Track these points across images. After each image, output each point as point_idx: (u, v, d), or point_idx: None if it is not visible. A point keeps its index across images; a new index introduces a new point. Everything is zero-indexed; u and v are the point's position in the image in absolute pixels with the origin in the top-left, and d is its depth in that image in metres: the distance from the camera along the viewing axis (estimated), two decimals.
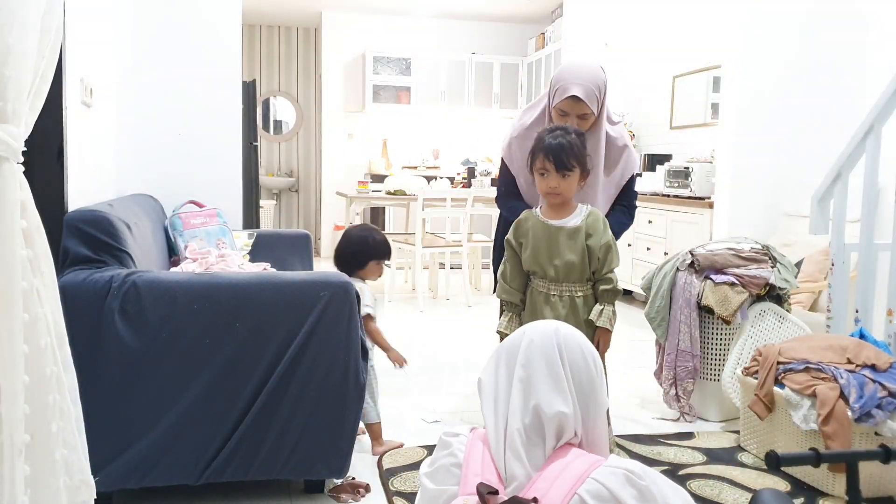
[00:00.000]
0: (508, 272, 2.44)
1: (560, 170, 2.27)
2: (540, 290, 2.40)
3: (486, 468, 1.37)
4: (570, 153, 2.27)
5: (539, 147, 2.31)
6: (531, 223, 2.40)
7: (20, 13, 1.23)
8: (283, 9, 8.26)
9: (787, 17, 4.29)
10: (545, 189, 2.33)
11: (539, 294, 2.40)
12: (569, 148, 2.27)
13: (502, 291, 2.46)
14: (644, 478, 1.30)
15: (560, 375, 1.39)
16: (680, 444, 2.84)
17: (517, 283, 2.43)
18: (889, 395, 2.37)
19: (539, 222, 2.39)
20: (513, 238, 2.43)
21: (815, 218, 3.18)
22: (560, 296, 2.38)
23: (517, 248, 2.42)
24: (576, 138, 2.31)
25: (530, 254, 2.38)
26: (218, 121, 3.55)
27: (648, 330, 3.32)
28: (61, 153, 2.36)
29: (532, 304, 2.42)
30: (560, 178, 2.29)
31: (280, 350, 2.14)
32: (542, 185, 2.33)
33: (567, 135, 2.30)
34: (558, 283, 2.37)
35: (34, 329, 1.32)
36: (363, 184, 6.56)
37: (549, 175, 2.30)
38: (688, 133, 5.91)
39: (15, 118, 1.27)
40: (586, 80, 2.50)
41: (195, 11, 3.48)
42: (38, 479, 1.34)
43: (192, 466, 2.12)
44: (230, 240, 3.16)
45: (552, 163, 2.27)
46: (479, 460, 1.38)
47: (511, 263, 2.44)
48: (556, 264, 2.35)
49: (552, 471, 1.33)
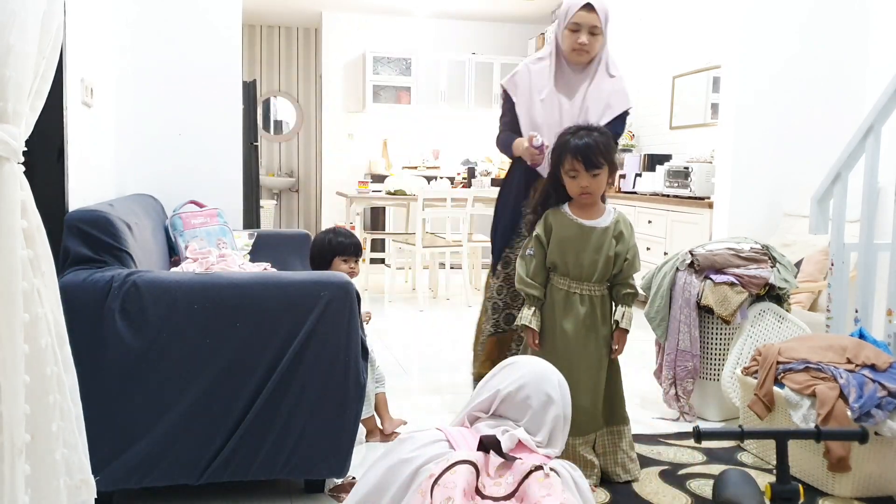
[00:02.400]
0: (533, 266, 2.43)
1: (590, 170, 2.29)
2: (560, 287, 2.41)
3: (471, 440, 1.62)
4: (598, 151, 2.29)
5: (565, 148, 2.32)
6: (559, 220, 2.40)
7: (20, 13, 1.23)
8: (284, 9, 8.26)
9: (787, 17, 4.29)
10: (577, 191, 2.35)
11: (559, 291, 2.41)
12: (595, 146, 2.28)
13: (525, 286, 2.44)
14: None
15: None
16: (680, 443, 2.84)
17: (541, 278, 2.44)
18: (889, 395, 2.37)
19: (569, 220, 2.39)
20: (542, 233, 2.42)
21: (815, 218, 3.18)
22: (581, 294, 2.39)
23: (545, 243, 2.42)
24: (599, 136, 2.33)
25: (556, 250, 2.39)
26: (218, 121, 3.55)
27: (648, 330, 3.33)
28: (61, 153, 2.36)
29: (551, 300, 2.42)
30: (590, 178, 2.31)
31: (280, 350, 2.14)
32: (574, 186, 2.35)
33: (591, 133, 2.33)
34: (581, 281, 2.39)
35: (34, 329, 1.32)
36: (363, 184, 6.56)
37: (579, 176, 2.31)
38: (688, 133, 5.91)
39: (15, 118, 1.27)
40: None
41: (195, 11, 3.48)
42: (39, 478, 1.34)
43: (192, 466, 2.12)
44: (230, 240, 3.16)
45: (581, 163, 2.29)
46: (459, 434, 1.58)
47: (537, 258, 2.43)
48: (583, 263, 2.36)
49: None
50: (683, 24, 5.97)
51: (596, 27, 2.72)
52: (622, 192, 5.92)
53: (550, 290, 2.44)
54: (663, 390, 3.20)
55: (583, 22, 2.71)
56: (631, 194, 5.78)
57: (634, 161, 6.01)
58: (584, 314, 2.39)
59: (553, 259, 2.40)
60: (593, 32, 2.72)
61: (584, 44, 2.72)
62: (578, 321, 2.39)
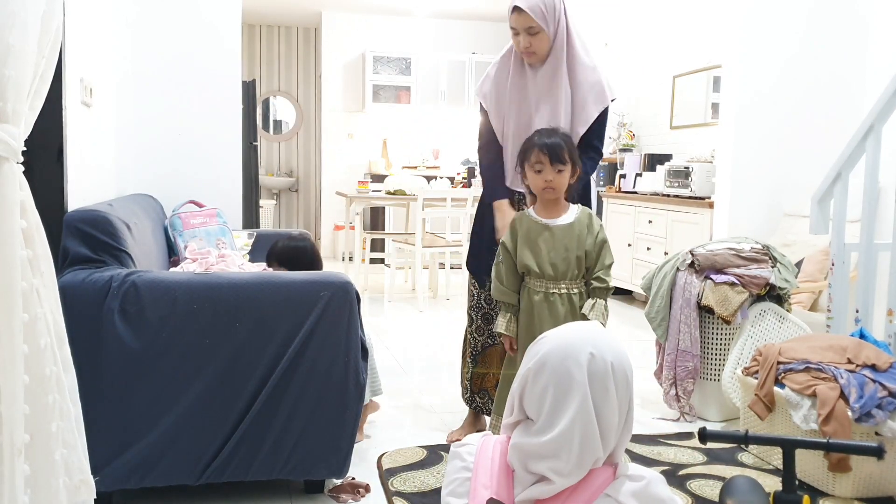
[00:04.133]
0: (504, 273, 2.44)
1: (555, 163, 2.32)
2: (537, 289, 2.40)
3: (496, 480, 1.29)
4: (564, 148, 2.33)
5: (532, 144, 2.36)
6: (525, 223, 2.42)
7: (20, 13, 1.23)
8: (283, 9, 8.26)
9: (787, 17, 4.29)
10: (541, 185, 2.36)
11: (536, 294, 2.40)
12: (560, 144, 2.34)
13: (499, 293, 2.46)
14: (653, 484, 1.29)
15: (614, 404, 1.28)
16: (680, 444, 2.84)
17: (513, 283, 2.44)
18: (889, 395, 2.37)
19: (533, 222, 2.40)
20: (509, 240, 2.44)
21: (815, 218, 3.18)
22: (559, 294, 2.39)
23: (512, 249, 2.42)
24: (566, 136, 2.39)
25: (527, 253, 2.39)
26: (218, 121, 3.55)
27: (648, 330, 3.32)
28: (61, 153, 2.35)
29: (529, 304, 2.41)
30: (555, 173, 2.33)
31: (280, 350, 2.14)
32: (538, 180, 2.36)
33: (556, 133, 2.38)
34: (556, 281, 2.38)
35: (34, 329, 1.32)
36: (363, 184, 6.56)
37: (544, 169, 2.33)
38: (688, 133, 5.91)
39: (15, 118, 1.27)
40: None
41: (195, 11, 3.48)
42: (38, 479, 1.34)
43: (192, 466, 2.12)
44: (230, 240, 3.16)
45: (546, 156, 2.32)
46: (487, 471, 1.32)
47: (506, 264, 2.44)
48: (553, 262, 2.36)
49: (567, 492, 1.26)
50: (683, 24, 5.97)
51: (532, 27, 2.57)
52: (622, 192, 5.91)
53: (528, 293, 2.42)
54: (663, 390, 3.20)
55: (517, 25, 2.60)
56: (631, 194, 5.77)
57: (635, 161, 6.00)
58: (564, 315, 2.37)
59: (526, 262, 2.39)
60: (531, 32, 2.59)
61: (526, 47, 2.62)
62: (559, 320, 2.37)
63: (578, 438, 1.23)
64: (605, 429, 1.25)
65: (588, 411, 1.23)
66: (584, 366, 1.25)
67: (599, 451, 1.25)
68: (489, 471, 1.31)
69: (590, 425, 1.23)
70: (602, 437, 1.25)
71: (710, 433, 1.82)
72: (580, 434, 1.23)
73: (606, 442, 1.26)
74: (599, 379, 1.25)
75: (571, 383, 1.24)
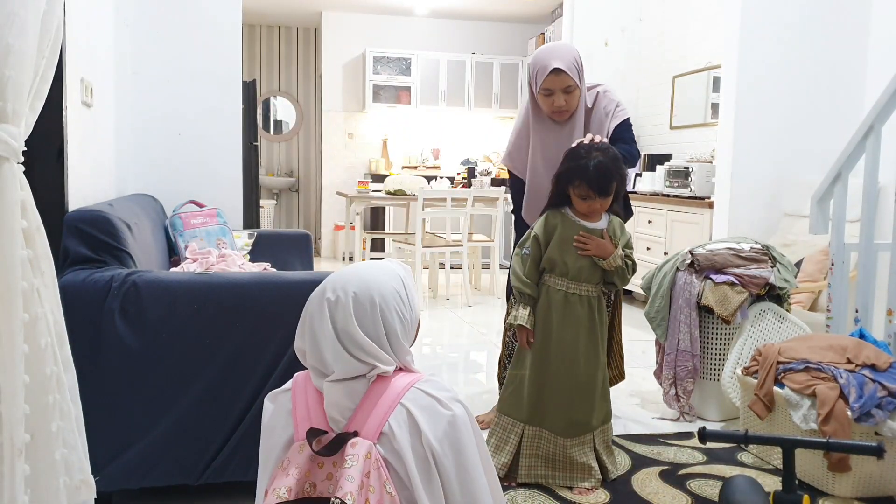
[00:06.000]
0: (528, 265, 2.46)
1: (604, 197, 2.35)
2: (558, 287, 2.42)
3: (313, 411, 1.37)
4: (611, 177, 2.32)
5: (579, 173, 2.33)
6: (560, 220, 2.43)
7: (20, 13, 1.23)
8: (283, 9, 8.26)
9: (786, 17, 4.29)
10: (586, 210, 2.39)
11: (556, 292, 2.42)
12: (607, 173, 2.31)
13: (521, 283, 2.45)
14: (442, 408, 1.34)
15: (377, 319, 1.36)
16: (680, 443, 2.84)
17: (535, 276, 2.47)
18: (889, 395, 2.37)
19: (570, 220, 2.42)
20: (542, 233, 2.45)
21: (815, 218, 3.18)
22: (579, 295, 2.42)
23: (544, 243, 2.44)
24: (608, 157, 2.33)
25: (557, 249, 2.41)
26: (218, 121, 3.55)
27: (648, 330, 3.32)
28: (61, 153, 2.35)
29: (546, 302, 2.44)
30: (603, 201, 2.37)
31: (280, 350, 2.14)
32: (583, 206, 2.38)
33: (602, 153, 2.33)
34: (580, 282, 2.41)
35: (34, 329, 1.32)
36: (363, 184, 6.56)
37: (591, 200, 2.36)
38: (688, 133, 5.91)
39: (15, 118, 1.27)
40: (563, 54, 2.60)
41: (195, 11, 3.48)
42: (38, 478, 1.34)
43: (192, 466, 2.12)
44: (230, 240, 3.16)
45: (595, 191, 2.33)
46: (304, 406, 1.39)
47: (532, 257, 2.46)
48: (583, 264, 2.40)
49: (369, 400, 1.33)
50: (683, 24, 5.97)
51: (570, 86, 2.60)
52: None
53: (547, 290, 2.45)
54: (663, 390, 3.20)
55: (554, 86, 2.60)
56: (631, 194, 5.75)
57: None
58: (584, 316, 2.42)
59: (553, 258, 2.42)
60: (568, 91, 2.61)
61: (560, 106, 2.63)
62: (579, 324, 2.41)
63: (331, 355, 1.34)
64: (355, 344, 1.33)
65: (327, 333, 1.36)
66: (323, 297, 1.42)
67: (355, 363, 1.33)
68: (305, 404, 1.40)
69: (334, 343, 1.35)
70: (359, 351, 1.33)
71: (709, 433, 1.83)
72: (331, 352, 1.35)
73: (367, 355, 1.33)
74: (342, 308, 1.37)
75: (313, 314, 1.42)
